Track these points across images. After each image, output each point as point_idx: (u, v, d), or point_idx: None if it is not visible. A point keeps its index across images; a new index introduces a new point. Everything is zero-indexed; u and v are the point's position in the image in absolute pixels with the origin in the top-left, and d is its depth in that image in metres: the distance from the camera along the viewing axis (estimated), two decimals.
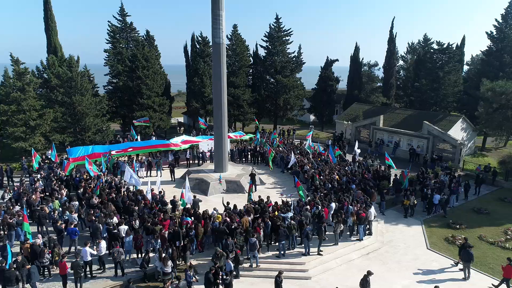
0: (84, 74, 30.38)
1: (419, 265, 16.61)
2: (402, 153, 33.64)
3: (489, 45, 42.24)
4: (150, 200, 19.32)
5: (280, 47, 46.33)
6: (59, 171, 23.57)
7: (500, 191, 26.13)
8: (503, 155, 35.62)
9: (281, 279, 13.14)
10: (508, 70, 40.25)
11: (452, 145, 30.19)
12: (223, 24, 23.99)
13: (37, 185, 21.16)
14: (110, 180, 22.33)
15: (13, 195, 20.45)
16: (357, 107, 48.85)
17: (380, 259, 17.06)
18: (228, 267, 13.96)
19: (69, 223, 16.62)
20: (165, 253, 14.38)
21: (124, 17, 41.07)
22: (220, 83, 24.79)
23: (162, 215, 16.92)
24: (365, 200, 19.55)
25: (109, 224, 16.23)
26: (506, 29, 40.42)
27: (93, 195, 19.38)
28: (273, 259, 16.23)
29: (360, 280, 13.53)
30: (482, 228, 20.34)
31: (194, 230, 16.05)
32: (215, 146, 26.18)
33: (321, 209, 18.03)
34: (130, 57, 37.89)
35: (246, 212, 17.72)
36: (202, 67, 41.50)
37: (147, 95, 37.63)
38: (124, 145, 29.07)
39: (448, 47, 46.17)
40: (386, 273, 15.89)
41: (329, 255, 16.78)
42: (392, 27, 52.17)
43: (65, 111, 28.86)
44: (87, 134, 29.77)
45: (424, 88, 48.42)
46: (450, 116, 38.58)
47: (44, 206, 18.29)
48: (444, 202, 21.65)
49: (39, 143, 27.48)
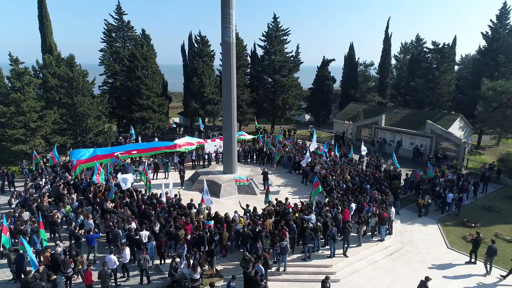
0: (85, 74, 29.42)
1: (443, 264, 16.63)
2: (405, 152, 33.87)
3: (484, 45, 43.07)
4: (164, 204, 18.79)
5: (278, 46, 46.13)
6: (67, 175, 22.71)
7: (505, 189, 26.54)
8: (502, 153, 36.45)
9: (328, 284, 12.85)
10: (503, 70, 41.12)
11: (456, 144, 30.55)
12: (233, 23, 23.62)
13: (44, 189, 20.31)
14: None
15: (20, 200, 19.60)
16: (354, 107, 49.10)
17: (403, 260, 17.01)
18: (260, 271, 13.60)
19: (86, 229, 16.00)
20: (193, 259, 13.95)
21: (121, 15, 40.12)
22: (230, 83, 24.40)
23: (184, 219, 16.42)
24: (383, 200, 19.49)
25: (130, 230, 15.67)
26: (500, 29, 41.29)
27: (106, 200, 18.71)
28: (299, 262, 15.96)
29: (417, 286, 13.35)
30: (496, 226, 20.57)
31: (218, 234, 15.63)
32: (225, 147, 25.75)
33: (342, 210, 17.89)
34: (128, 57, 37.00)
35: (268, 215, 17.40)
36: (201, 67, 40.89)
37: (147, 96, 36.86)
38: (127, 147, 28.26)
39: (444, 47, 46.81)
40: (412, 273, 15.82)
41: (354, 256, 16.64)
42: (387, 27, 52.69)
43: (66, 112, 27.88)
44: (88, 136, 28.87)
45: (420, 88, 49.05)
46: (449, 115, 39.17)
47: (56, 212, 17.57)
48: (458, 201, 21.83)
49: (40, 146, 26.48)
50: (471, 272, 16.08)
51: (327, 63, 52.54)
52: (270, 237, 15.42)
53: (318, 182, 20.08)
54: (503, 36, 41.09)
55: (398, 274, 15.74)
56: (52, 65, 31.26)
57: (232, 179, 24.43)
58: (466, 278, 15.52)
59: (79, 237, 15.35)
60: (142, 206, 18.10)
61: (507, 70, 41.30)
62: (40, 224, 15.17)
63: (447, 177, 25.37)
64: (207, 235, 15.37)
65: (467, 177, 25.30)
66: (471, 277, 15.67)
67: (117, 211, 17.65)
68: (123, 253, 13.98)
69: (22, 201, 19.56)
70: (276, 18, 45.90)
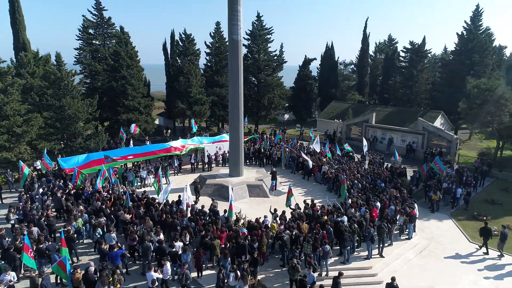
0: (73, 74, 27.14)
1: (471, 258, 17.00)
2: (397, 149, 34.53)
3: (458, 45, 45.19)
4: (184, 212, 17.64)
5: (262, 45, 45.63)
6: (63, 184, 20.76)
7: (498, 182, 27.83)
8: (482, 148, 38.49)
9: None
10: (477, 69, 43.41)
11: (448, 140, 31.68)
12: (240, 20, 22.78)
13: (47, 202, 18.34)
14: (131, 192, 20.03)
15: (18, 214, 17.56)
16: (336, 105, 49.79)
17: (434, 256, 17.13)
18: (310, 279, 13.01)
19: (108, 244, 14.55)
20: (238, 269, 13.08)
21: (101, 11, 37.64)
22: (237, 82, 23.61)
23: (218, 228, 15.43)
24: (405, 197, 19.59)
25: (160, 242, 14.45)
26: (474, 30, 43.54)
27: (124, 210, 17.22)
28: (340, 266, 15.49)
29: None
30: (503, 218, 21.38)
31: (257, 241, 14.82)
32: (231, 149, 24.85)
33: (370, 209, 17.73)
34: (112, 55, 34.78)
35: (299, 218, 16.84)
36: (187, 66, 39.40)
37: (132, 96, 34.89)
38: (122, 152, 26.47)
39: (421, 47, 48.64)
40: (448, 270, 15.95)
41: (389, 256, 16.50)
42: (365, 27, 53.96)
43: (53, 115, 25.52)
44: (77, 141, 26.65)
45: (398, 86, 50.66)
46: (431, 113, 40.72)
47: (69, 227, 15.88)
48: (466, 195, 22.50)
49: (25, 153, 24.05)
50: (495, 261, 16.70)
51: (309, 62, 52.83)
52: (311, 242, 14.84)
53: (344, 181, 19.81)
54: (477, 36, 43.37)
55: (435, 272, 15.78)
56: (31, 64, 28.61)
57: (241, 182, 23.60)
58: (500, 271, 15.93)
59: (105, 253, 13.88)
60: (163, 215, 16.85)
61: (480, 69, 43.66)
62: (62, 241, 13.54)
63: (447, 172, 26.15)
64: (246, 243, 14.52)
65: (467, 171, 26.22)
66: (505, 267, 16.14)
67: (141, 223, 16.25)
68: (164, 268, 12.78)
69: (22, 215, 17.58)
70: (260, 17, 45.38)
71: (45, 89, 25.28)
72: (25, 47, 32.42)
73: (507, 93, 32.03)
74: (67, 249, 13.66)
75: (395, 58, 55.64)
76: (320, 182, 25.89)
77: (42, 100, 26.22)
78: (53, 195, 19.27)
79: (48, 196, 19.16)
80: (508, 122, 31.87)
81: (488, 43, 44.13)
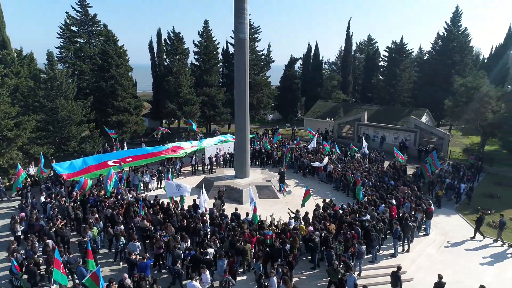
0: (67, 73, 25.59)
1: (489, 251, 17.51)
2: (389, 147, 35.29)
3: (440, 45, 46.88)
4: (206, 216, 17.02)
5: (249, 44, 45.18)
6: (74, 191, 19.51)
7: (490, 176, 28.96)
8: (465, 144, 40.06)
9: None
10: (458, 68, 45.22)
11: (439, 137, 32.70)
12: (247, 18, 22.36)
13: (55, 211, 17.10)
14: (143, 197, 19.12)
15: (24, 225, 16.29)
16: (322, 104, 50.30)
17: (453, 252, 17.49)
18: (351, 280, 12.85)
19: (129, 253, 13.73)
20: (276, 274, 12.74)
21: (85, 7, 35.81)
22: (244, 82, 23.10)
23: (246, 232, 14.97)
24: (418, 194, 19.92)
25: (189, 249, 13.82)
26: (454, 31, 45.31)
27: (139, 217, 16.36)
28: (369, 265, 15.51)
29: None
30: (505, 211, 22.10)
31: (289, 244, 14.50)
32: (237, 149, 24.36)
33: (389, 207, 17.87)
34: (100, 54, 33.21)
35: (324, 219, 16.67)
36: (176, 65, 38.36)
37: (122, 97, 33.51)
38: (120, 155, 25.29)
39: (403, 46, 50.04)
40: (468, 264, 16.35)
41: (412, 253, 16.69)
42: (348, 26, 54.81)
43: (45, 118, 23.94)
44: (71, 144, 25.17)
45: (382, 85, 51.87)
46: (416, 110, 41.90)
47: (85, 237, 14.90)
48: (469, 190, 23.23)
49: (17, 158, 22.42)
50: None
51: (294, 62, 53.01)
52: (343, 242, 14.72)
53: (359, 180, 19.85)
54: (457, 37, 45.16)
55: (459, 267, 16.08)
56: (15, 64, 26.77)
57: (250, 183, 23.16)
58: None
59: (135, 263, 13.07)
60: (183, 220, 16.17)
61: (460, 68, 45.52)
62: (88, 252, 12.62)
63: (444, 168, 26.97)
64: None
65: (463, 167, 27.14)
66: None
67: (162, 229, 15.49)
68: (203, 277, 12.20)
69: (26, 226, 16.32)
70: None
71: (36, 89, 23.61)
72: (5, 45, 30.30)
73: (492, 91, 33.52)
74: (93, 261, 12.75)
75: (376, 57, 57.05)
76: (324, 181, 25.93)
77: (29, 101, 24.53)
78: (58, 203, 18.03)
79: (52, 204, 17.88)
80: (491, 119, 33.36)
81: (467, 43, 46.09)
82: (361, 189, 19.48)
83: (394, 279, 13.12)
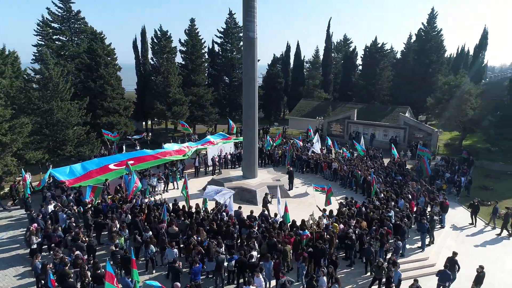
0: (63, 73, 23.96)
1: (502, 241, 18.48)
2: (380, 144, 36.43)
3: (417, 45, 48.92)
4: (234, 219, 16.66)
5: (235, 43, 44.89)
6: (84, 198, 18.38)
7: (478, 170, 30.53)
8: (446, 140, 42.08)
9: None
10: (434, 67, 47.44)
11: (428, 133, 34.12)
12: (256, 16, 22.09)
13: (72, 220, 16.00)
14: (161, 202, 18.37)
15: (40, 236, 15.13)
16: (306, 103, 50.95)
17: (469, 242, 18.34)
18: (396, 277, 13.10)
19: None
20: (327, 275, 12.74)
21: (68, 3, 33.79)
22: (253, 81, 22.88)
23: (287, 232, 14.81)
24: (430, 189, 20.65)
25: (230, 253, 13.47)
26: (431, 31, 47.45)
27: (163, 222, 15.72)
28: (401, 259, 15.77)
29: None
30: (501, 202, 23.55)
31: (328, 242, 14.53)
32: (245, 150, 24.07)
33: (409, 202, 18.40)
34: (86, 53, 31.52)
35: (351, 216, 16.86)
36: (165, 65, 37.24)
37: (111, 97, 32.06)
38: (119, 157, 24.17)
39: (382, 46, 51.71)
40: (488, 254, 17.19)
41: (435, 246, 17.25)
42: (328, 26, 55.74)
43: (41, 120, 22.34)
44: (67, 149, 23.68)
45: (361, 84, 53.28)
46: (399, 108, 43.48)
47: (111, 247, 14.12)
48: (468, 183, 24.43)
49: (11, 165, 20.78)
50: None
51: (277, 61, 53.19)
52: (379, 239, 14.95)
53: (374, 179, 20.23)
54: (433, 37, 47.34)
55: (481, 257, 16.69)
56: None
57: (261, 184, 22.98)
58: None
59: (180, 271, 12.52)
60: (213, 224, 15.73)
61: (436, 67, 47.79)
62: (132, 262, 11.91)
63: (438, 162, 28.24)
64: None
65: (456, 161, 28.52)
66: None
67: (192, 234, 14.95)
68: (257, 281, 11.90)
69: (42, 238, 15.19)
70: (232, 14, 44.59)
71: (30, 90, 21.93)
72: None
73: (472, 89, 35.49)
74: (136, 271, 12.06)
75: (353, 57, 58.56)
76: (329, 179, 26.23)
77: (21, 103, 22.81)
78: (72, 212, 16.93)
79: (67, 213, 16.74)
80: (471, 116, 35.33)
81: (442, 43, 48.45)
82: (376, 187, 19.90)
83: (451, 264, 13.74)
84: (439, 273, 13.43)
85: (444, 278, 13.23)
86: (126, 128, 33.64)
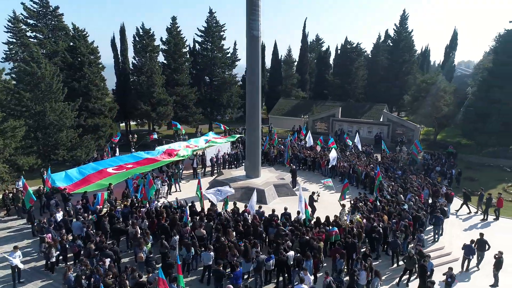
0: (55, 72, 22.34)
1: (502, 227, 19.75)
2: (365, 140, 37.57)
3: (390, 45, 51.06)
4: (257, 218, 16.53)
5: (216, 42, 44.35)
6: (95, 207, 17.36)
7: (458, 162, 32.47)
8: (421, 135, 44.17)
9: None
10: (407, 66, 49.77)
11: (410, 129, 35.73)
12: (260, 15, 22.01)
13: (90, 227, 15.08)
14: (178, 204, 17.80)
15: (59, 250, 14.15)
16: (285, 102, 51.52)
17: (474, 231, 19.37)
18: (429, 267, 13.62)
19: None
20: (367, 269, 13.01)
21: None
22: (257, 81, 22.77)
23: (317, 230, 14.91)
24: (434, 182, 21.67)
25: (269, 253, 13.35)
26: (403, 32, 49.70)
27: (195, 225, 15.27)
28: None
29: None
30: (489, 190, 25.18)
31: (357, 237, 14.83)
32: (249, 149, 23.88)
33: (418, 195, 19.20)
34: (68, 51, 29.72)
35: (371, 211, 17.30)
36: (148, 64, 36.03)
37: (96, 98, 30.53)
38: (117, 161, 23.13)
39: (357, 46, 53.39)
40: (495, 241, 18.06)
41: (445, 236, 18.12)
42: (304, 26, 56.63)
43: (33, 123, 20.75)
44: (60, 153, 22.21)
45: (337, 83, 54.70)
46: (377, 106, 45.20)
47: (140, 254, 13.52)
48: (458, 175, 25.91)
49: (3, 172, 19.19)
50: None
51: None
52: (404, 231, 15.47)
53: (380, 173, 20.85)
54: (405, 37, 49.64)
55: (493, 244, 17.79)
56: None
57: (267, 183, 22.95)
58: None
59: (224, 274, 12.23)
60: (239, 226, 15.51)
61: (408, 66, 50.17)
62: (178, 267, 11.46)
63: (425, 156, 29.72)
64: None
65: (441, 155, 30.12)
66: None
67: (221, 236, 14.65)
68: (306, 278, 11.88)
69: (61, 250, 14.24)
70: (212, 13, 44.01)
71: (21, 90, 20.27)
72: None
73: (447, 87, 37.63)
74: (182, 276, 11.64)
75: (327, 56, 60.03)
76: (329, 176, 26.68)
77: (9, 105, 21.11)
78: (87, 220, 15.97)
79: (83, 221, 15.74)
80: (445, 112, 37.49)
81: (413, 43, 50.94)
82: (381, 182, 20.57)
83: (480, 244, 15.15)
84: (465, 246, 15.01)
85: (469, 251, 14.93)
86: (111, 130, 32.18)
